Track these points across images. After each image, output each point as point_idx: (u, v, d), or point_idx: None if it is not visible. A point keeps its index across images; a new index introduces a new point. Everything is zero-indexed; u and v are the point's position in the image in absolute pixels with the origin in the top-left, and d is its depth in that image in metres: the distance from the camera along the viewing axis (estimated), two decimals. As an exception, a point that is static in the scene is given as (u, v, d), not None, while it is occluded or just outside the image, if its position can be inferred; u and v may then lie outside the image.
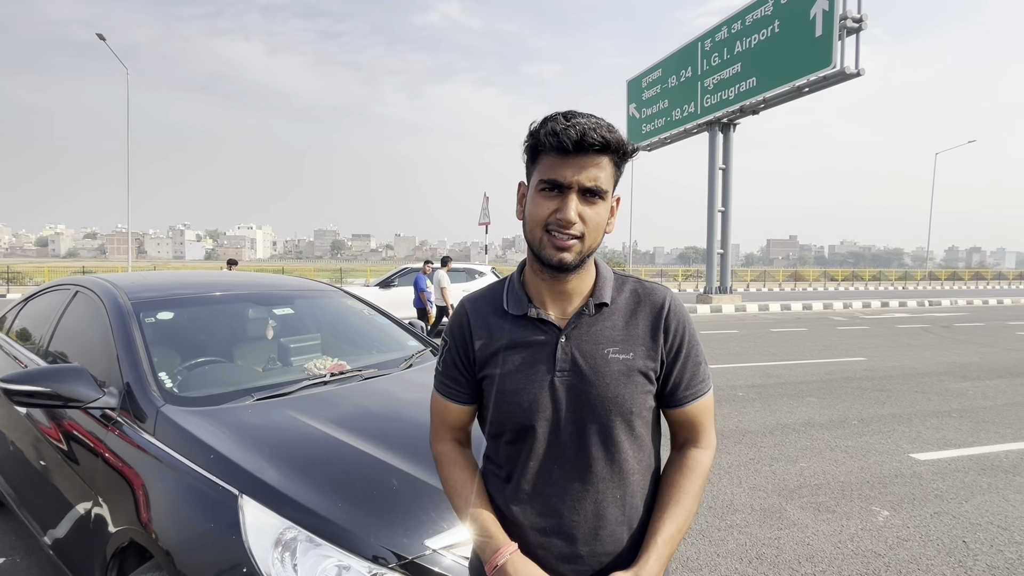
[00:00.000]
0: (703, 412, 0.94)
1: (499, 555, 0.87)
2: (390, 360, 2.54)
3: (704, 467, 0.93)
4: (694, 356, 0.92)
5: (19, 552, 2.55)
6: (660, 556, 0.86)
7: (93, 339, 2.19)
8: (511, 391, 0.90)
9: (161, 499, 1.50)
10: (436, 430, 1.01)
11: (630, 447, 0.91)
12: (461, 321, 0.96)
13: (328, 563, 1.27)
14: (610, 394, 0.87)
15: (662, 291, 0.94)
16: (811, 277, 40.75)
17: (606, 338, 0.90)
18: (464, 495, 0.95)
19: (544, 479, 0.91)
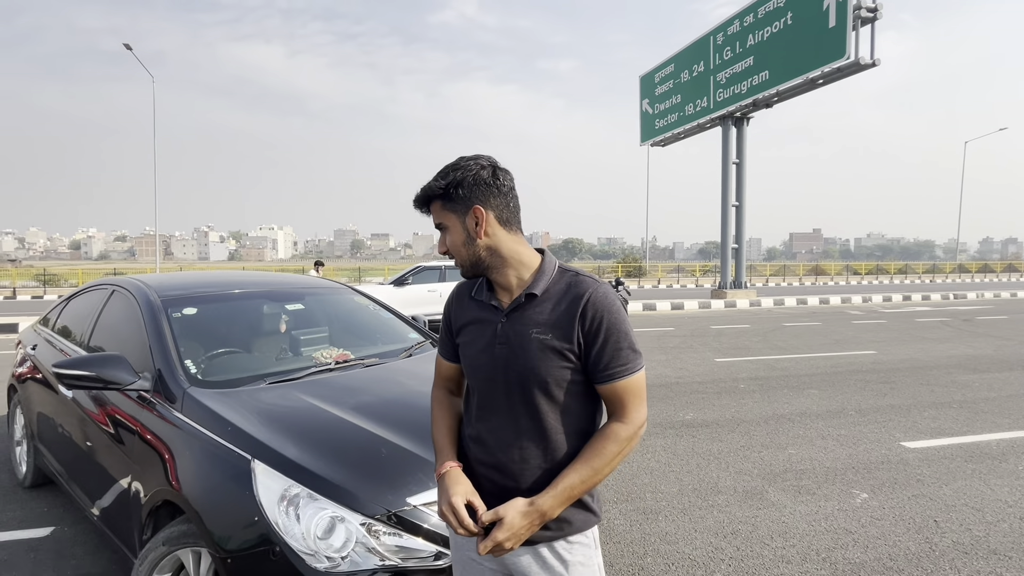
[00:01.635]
0: (624, 391, 1.07)
1: (442, 467, 1.15)
2: (391, 350, 2.79)
3: (619, 437, 1.07)
4: (614, 342, 1.06)
5: (67, 522, 2.88)
6: (556, 495, 1.05)
7: (129, 332, 2.49)
8: (468, 355, 1.18)
9: (189, 465, 1.77)
10: (435, 380, 1.32)
11: (549, 409, 1.10)
12: (450, 300, 1.28)
13: (324, 514, 1.52)
14: (529, 365, 1.09)
15: (588, 284, 1.11)
16: (833, 271, 40.00)
17: (532, 321, 1.11)
18: (437, 425, 1.24)
19: (486, 427, 1.15)
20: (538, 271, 1.14)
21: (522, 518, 1.03)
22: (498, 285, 1.16)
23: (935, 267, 42.92)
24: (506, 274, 1.14)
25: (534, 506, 1.04)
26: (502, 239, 1.12)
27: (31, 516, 2.95)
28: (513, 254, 1.13)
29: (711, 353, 8.24)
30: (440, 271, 10.70)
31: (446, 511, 1.08)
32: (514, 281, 1.14)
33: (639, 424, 1.09)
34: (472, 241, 1.11)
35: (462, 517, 1.05)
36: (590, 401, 1.13)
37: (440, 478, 1.14)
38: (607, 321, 1.07)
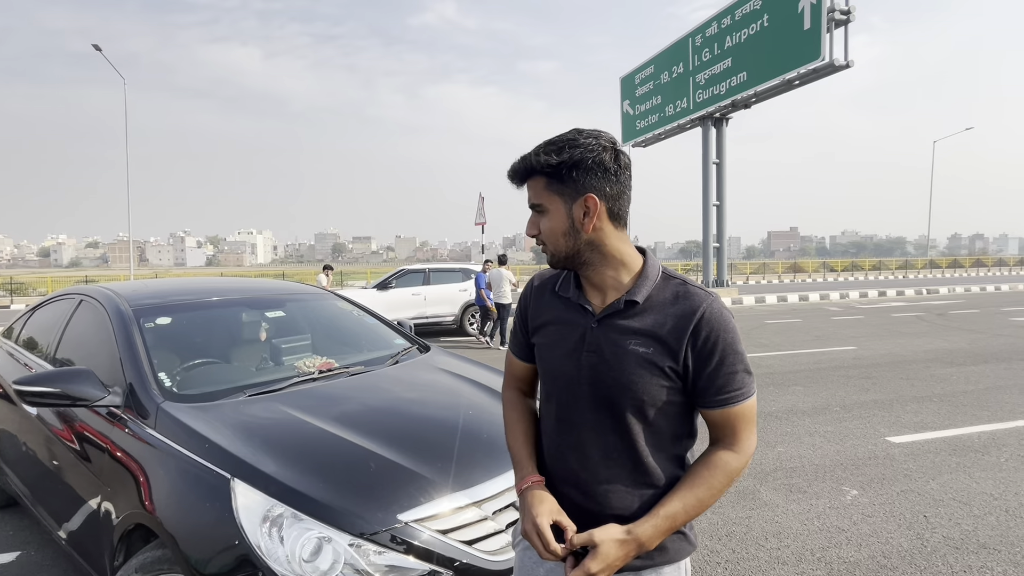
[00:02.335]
0: (736, 418, 0.97)
1: (524, 482, 1.04)
2: (376, 358, 2.70)
3: (728, 466, 0.96)
4: (730, 364, 0.95)
5: (33, 546, 2.72)
6: (656, 525, 0.93)
7: (98, 344, 2.36)
8: (547, 359, 1.07)
9: (163, 485, 1.66)
10: (505, 379, 1.22)
11: (642, 431, 0.98)
12: (527, 292, 1.16)
13: (310, 535, 1.44)
14: (624, 380, 0.96)
15: (701, 297, 0.98)
16: (810, 268, 40.84)
17: (631, 330, 0.98)
18: (512, 432, 1.13)
19: (567, 442, 1.04)
20: (640, 275, 1.01)
21: (618, 548, 0.92)
22: (589, 283, 1.03)
23: (907, 263, 44.15)
24: (603, 274, 1.01)
25: (632, 535, 0.92)
26: (608, 235, 0.98)
27: (-6, 541, 2.79)
28: (616, 253, 1.00)
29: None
30: (424, 274, 10.57)
31: (530, 532, 0.96)
32: (610, 282, 1.01)
33: (750, 453, 0.99)
34: (575, 233, 0.97)
35: (548, 540, 0.94)
36: (684, 423, 1.02)
37: (522, 494, 1.03)
38: (723, 341, 0.95)
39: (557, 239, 0.99)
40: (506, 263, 9.52)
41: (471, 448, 1.85)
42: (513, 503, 1.73)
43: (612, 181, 0.96)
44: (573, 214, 0.96)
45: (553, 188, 0.97)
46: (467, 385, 2.40)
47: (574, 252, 1.00)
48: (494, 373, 2.67)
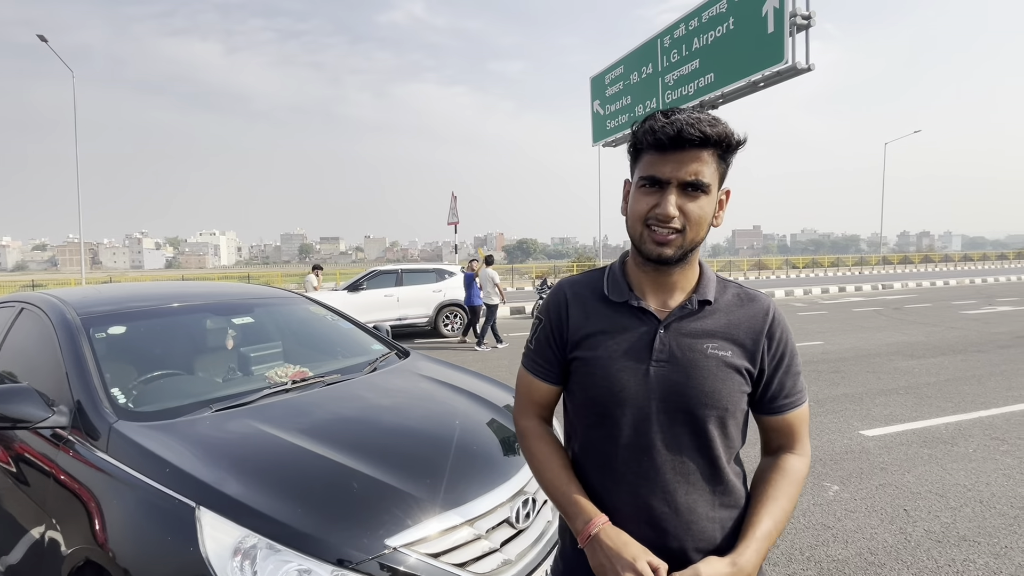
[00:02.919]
0: (800, 421, 0.94)
1: (592, 525, 0.87)
2: (353, 365, 2.55)
3: (800, 473, 0.92)
4: (795, 367, 0.94)
5: (-30, 581, 2.45)
6: (759, 550, 0.84)
7: (41, 357, 2.13)
8: (603, 375, 0.91)
9: (116, 516, 1.48)
10: (522, 406, 1.04)
11: (722, 444, 0.90)
12: (559, 301, 0.99)
13: (288, 567, 1.30)
14: (707, 388, 0.87)
15: (766, 299, 0.96)
16: (774, 265, 42.15)
17: (706, 333, 0.90)
18: (550, 467, 0.96)
19: (632, 468, 0.90)
20: (703, 275, 0.96)
21: None
22: (656, 284, 0.93)
23: (862, 260, 46.11)
24: (683, 272, 0.93)
25: (738, 566, 0.82)
26: None
27: (-77, 577, 2.50)
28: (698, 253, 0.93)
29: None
30: (396, 275, 10.34)
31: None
32: (681, 282, 0.93)
33: (810, 457, 0.96)
34: (712, 223, 0.89)
35: None
36: (745, 432, 0.96)
37: (594, 540, 0.86)
38: (790, 343, 0.94)
39: (703, 226, 0.87)
40: (492, 263, 9.41)
41: (462, 461, 1.73)
42: (507, 520, 1.63)
43: None
44: (720, 201, 0.90)
45: (719, 169, 0.87)
46: (453, 393, 2.28)
47: (698, 244, 0.90)
48: (479, 379, 2.56)
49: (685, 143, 0.83)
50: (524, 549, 1.61)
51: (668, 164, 0.85)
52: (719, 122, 0.84)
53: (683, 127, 0.82)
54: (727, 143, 0.85)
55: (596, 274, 1.02)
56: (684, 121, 0.83)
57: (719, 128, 0.84)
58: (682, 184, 0.85)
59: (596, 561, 0.85)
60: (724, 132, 0.84)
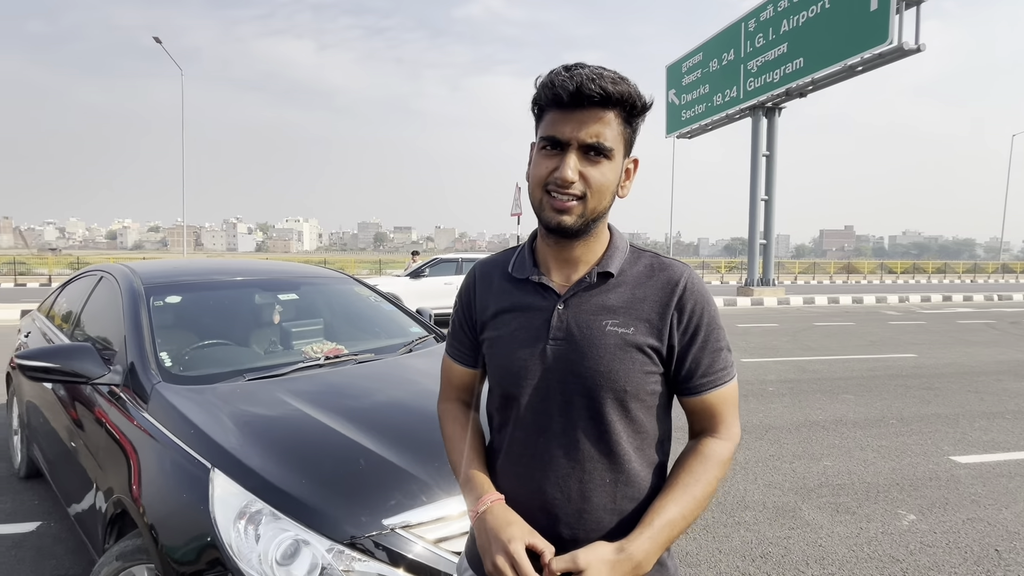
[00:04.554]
0: (723, 402, 0.85)
1: (481, 503, 0.85)
2: (389, 346, 2.57)
3: (720, 456, 0.84)
4: (714, 341, 0.84)
5: (54, 518, 2.77)
6: (654, 537, 0.77)
7: (109, 320, 2.33)
8: (502, 355, 0.88)
9: (149, 471, 1.58)
10: (442, 389, 1.04)
11: (624, 430, 0.83)
12: (468, 283, 0.97)
13: (286, 536, 1.31)
14: (602, 368, 0.81)
15: (680, 267, 0.86)
16: (866, 269, 38.51)
17: (606, 309, 0.83)
18: (456, 447, 0.95)
19: (529, 451, 0.86)
20: (610, 246, 0.87)
21: (610, 570, 0.74)
22: (560, 259, 0.86)
23: (976, 267, 40.93)
24: (587, 245, 0.85)
25: (625, 553, 0.75)
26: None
27: (21, 509, 2.86)
28: (607, 221, 0.86)
29: (737, 353, 7.84)
30: (457, 263, 10.51)
31: (501, 564, 0.76)
32: (585, 255, 0.86)
33: (737, 440, 0.87)
34: (616, 192, 0.82)
35: (526, 570, 0.74)
36: (665, 420, 0.88)
37: (481, 517, 0.83)
38: (708, 315, 0.84)
39: (606, 195, 0.80)
40: None
41: (473, 448, 1.68)
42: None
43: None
44: (622, 170, 0.82)
45: (624, 133, 0.79)
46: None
47: (602, 215, 0.82)
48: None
49: (585, 100, 0.75)
50: (532, 545, 1.54)
51: (569, 123, 0.76)
52: (624, 80, 0.76)
53: (583, 81, 0.74)
54: (631, 104, 0.77)
55: (509, 252, 0.96)
56: (585, 76, 0.74)
57: (623, 87, 0.75)
58: (583, 147, 0.77)
59: (480, 540, 0.83)
60: (628, 91, 0.76)
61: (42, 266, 27.67)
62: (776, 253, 18.81)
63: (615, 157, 0.78)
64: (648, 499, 0.84)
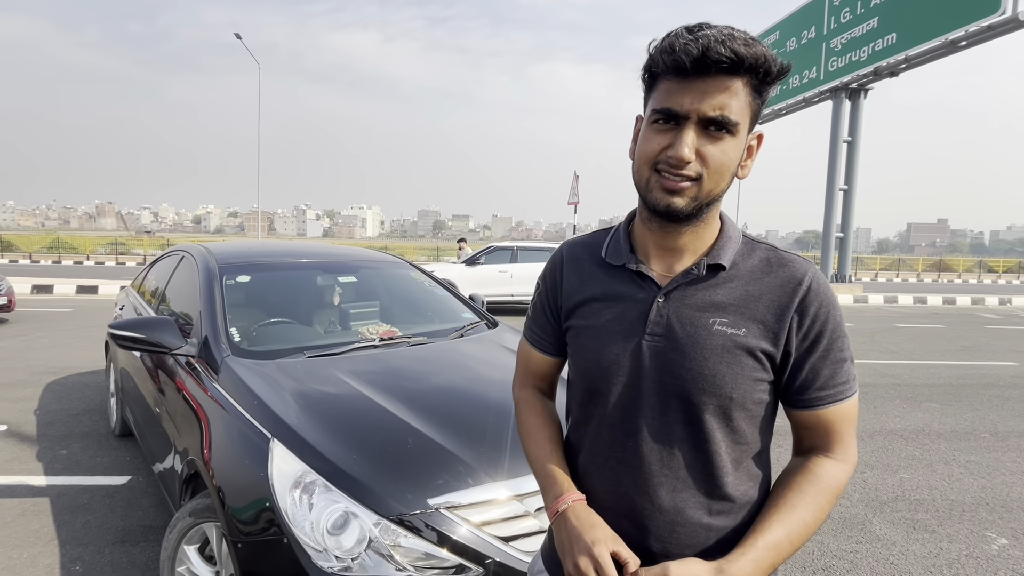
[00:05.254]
0: (841, 419, 0.75)
1: (561, 501, 0.79)
2: (441, 330, 2.62)
3: (835, 480, 0.75)
4: (837, 351, 0.74)
5: (142, 473, 3.05)
6: (758, 560, 0.68)
7: (188, 296, 2.52)
8: (591, 347, 0.81)
9: (217, 438, 1.70)
10: (519, 375, 0.99)
11: (724, 439, 0.75)
12: (554, 264, 0.90)
13: (337, 507, 1.36)
14: (706, 371, 0.73)
15: (802, 264, 0.76)
16: (961, 267, 34.94)
17: (715, 305, 0.74)
18: (535, 439, 0.89)
19: (616, 454, 0.79)
20: (722, 234, 0.78)
21: None
22: (661, 246, 0.78)
23: (1098, 267, 36.04)
24: (696, 232, 0.76)
25: (724, 575, 0.68)
26: None
27: (115, 464, 3.17)
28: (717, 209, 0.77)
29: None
30: (512, 251, 10.53)
31: (584, 566, 0.70)
32: (693, 243, 0.77)
33: (854, 463, 0.77)
34: (736, 172, 0.72)
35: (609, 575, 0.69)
36: (766, 431, 0.80)
37: (561, 516, 0.77)
38: (832, 321, 0.73)
39: (723, 173, 0.69)
40: None
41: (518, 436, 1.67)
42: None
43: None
44: (750, 147, 0.73)
45: (751, 104, 0.68)
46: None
47: (718, 198, 0.73)
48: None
49: (711, 66, 0.64)
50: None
51: (689, 94, 0.66)
52: (755, 42, 0.65)
53: (710, 44, 0.64)
54: (765, 69, 0.66)
55: (601, 234, 0.88)
56: (712, 37, 0.64)
57: (756, 49, 0.64)
58: (704, 121, 0.67)
59: (559, 541, 0.77)
60: (762, 55, 0.65)
61: (138, 247, 30.56)
62: (855, 248, 17.52)
63: (739, 132, 0.68)
64: (748, 516, 0.77)
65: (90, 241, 30.63)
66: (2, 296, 7.68)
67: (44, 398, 4.36)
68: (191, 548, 1.68)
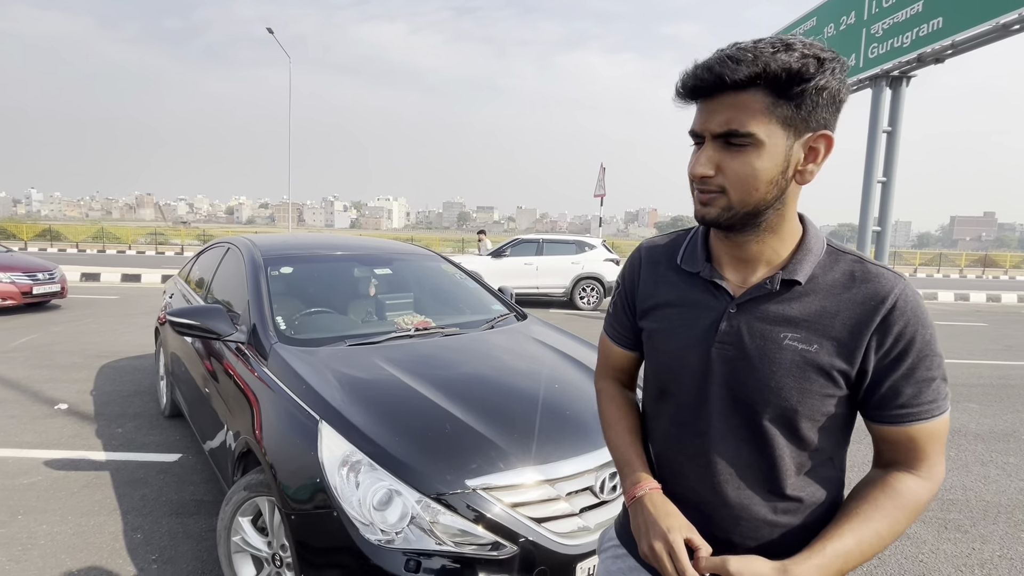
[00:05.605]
0: (926, 437, 0.74)
1: (639, 487, 0.84)
2: (473, 321, 2.71)
3: (915, 496, 0.73)
4: (924, 370, 0.72)
5: (191, 452, 3.25)
6: (824, 567, 0.69)
7: (236, 286, 2.67)
8: (663, 351, 0.85)
9: (269, 418, 1.82)
10: (600, 367, 1.03)
11: (788, 444, 0.76)
12: (632, 265, 0.94)
13: (381, 485, 1.46)
14: (773, 384, 0.74)
15: (891, 279, 0.73)
16: (1008, 263, 33.31)
17: (786, 320, 0.75)
18: (615, 429, 0.94)
19: (686, 451, 0.83)
20: (801, 247, 0.77)
21: None
22: (734, 256, 0.79)
23: None
24: (767, 243, 0.77)
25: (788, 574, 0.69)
26: (799, 190, 0.74)
27: (166, 442, 3.39)
28: (792, 215, 0.76)
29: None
30: (538, 244, 10.57)
31: (659, 549, 0.75)
32: (767, 254, 0.77)
33: (939, 481, 0.76)
34: (783, 180, 0.71)
35: (684, 563, 0.72)
36: (839, 437, 0.80)
37: (638, 501, 0.82)
38: (921, 340, 0.71)
39: (756, 186, 0.70)
40: None
41: (552, 424, 1.75)
42: (591, 488, 1.61)
43: (837, 118, 0.71)
44: (791, 153, 0.70)
45: (779, 113, 0.67)
46: (558, 358, 2.30)
47: (765, 207, 0.73)
48: (589, 348, 2.53)
49: (710, 89, 0.69)
50: (604, 520, 1.58)
51: (701, 115, 0.72)
52: (762, 53, 0.66)
53: (698, 70, 0.68)
54: (781, 77, 0.65)
55: (679, 237, 0.90)
56: (709, 62, 0.68)
57: (754, 66, 0.65)
58: (720, 136, 0.70)
59: (635, 524, 0.82)
60: (767, 64, 0.65)
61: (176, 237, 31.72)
62: (893, 242, 16.90)
63: (764, 142, 0.68)
64: (816, 518, 0.78)
65: (131, 231, 31.97)
66: (56, 283, 8.14)
67: (98, 380, 4.65)
68: (245, 520, 1.82)
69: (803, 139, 0.70)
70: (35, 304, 8.07)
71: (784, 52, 0.66)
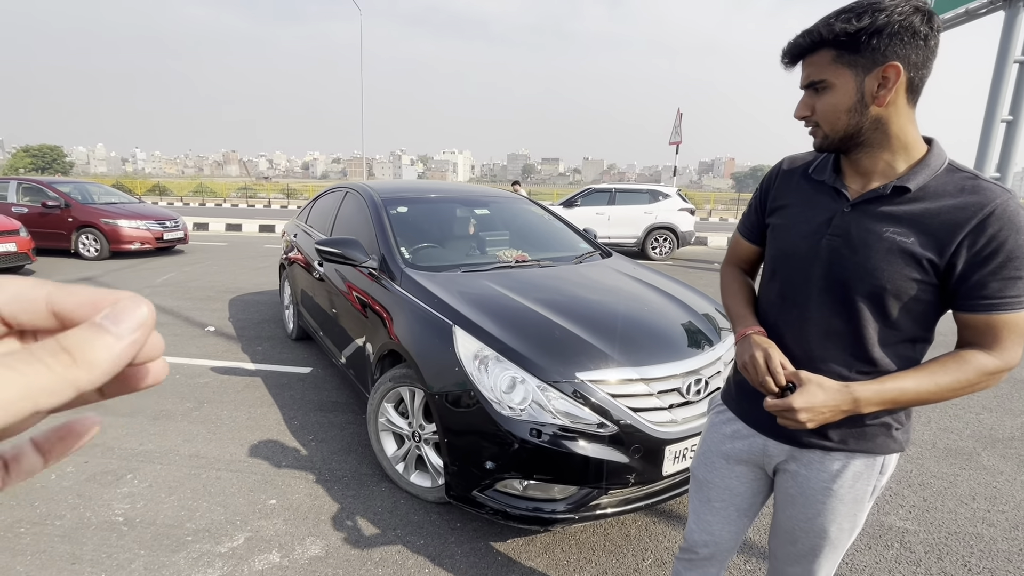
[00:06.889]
0: (1004, 326, 0.83)
1: (748, 329, 1.03)
2: (563, 256, 3.00)
3: (981, 364, 0.85)
4: (1012, 270, 0.82)
5: (320, 366, 3.87)
6: (881, 391, 0.86)
7: (359, 224, 3.10)
8: (781, 238, 1.03)
9: (405, 326, 2.23)
10: (728, 257, 1.24)
11: (873, 320, 0.91)
12: (772, 173, 1.11)
13: (507, 373, 1.83)
14: (869, 265, 0.89)
15: (996, 192, 0.84)
16: None
17: (891, 217, 0.88)
18: (731, 291, 1.16)
19: (784, 318, 1.01)
20: (920, 163, 0.89)
21: (829, 395, 0.87)
22: (854, 168, 0.95)
23: None
24: (877, 157, 0.91)
25: (848, 389, 0.87)
26: (899, 112, 0.87)
27: (298, 358, 4.03)
28: (900, 134, 0.89)
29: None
30: (610, 194, 10.54)
31: (757, 356, 0.95)
32: (881, 167, 0.92)
33: (1011, 364, 0.86)
34: (863, 109, 0.87)
35: (774, 367, 0.92)
36: (925, 326, 0.92)
37: (746, 337, 1.01)
38: (1012, 243, 0.82)
39: (838, 116, 0.89)
40: None
41: (644, 336, 2.03)
42: (678, 389, 1.89)
43: (920, 48, 0.83)
44: (865, 87, 0.85)
45: (844, 60, 0.86)
46: (643, 287, 2.55)
47: (855, 131, 0.89)
48: (669, 280, 2.75)
49: (797, 57, 0.92)
50: (689, 416, 1.87)
51: (801, 73, 0.94)
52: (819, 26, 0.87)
53: (787, 46, 0.93)
54: (836, 40, 0.86)
55: (816, 156, 1.06)
56: (793, 39, 0.92)
57: (817, 33, 0.87)
58: (808, 86, 0.92)
59: (739, 353, 1.02)
60: (820, 33, 0.87)
61: (262, 191, 34.13)
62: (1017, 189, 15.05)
63: (836, 83, 0.87)
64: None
65: (224, 186, 34.79)
66: (180, 231, 9.31)
67: (232, 309, 5.46)
68: (389, 405, 2.28)
69: (873, 73, 0.86)
70: (164, 248, 9.31)
71: (836, 18, 0.86)
